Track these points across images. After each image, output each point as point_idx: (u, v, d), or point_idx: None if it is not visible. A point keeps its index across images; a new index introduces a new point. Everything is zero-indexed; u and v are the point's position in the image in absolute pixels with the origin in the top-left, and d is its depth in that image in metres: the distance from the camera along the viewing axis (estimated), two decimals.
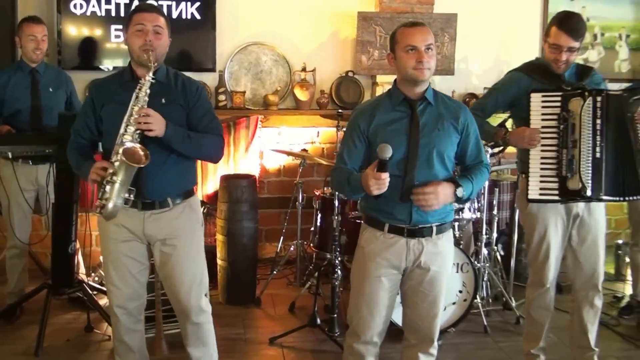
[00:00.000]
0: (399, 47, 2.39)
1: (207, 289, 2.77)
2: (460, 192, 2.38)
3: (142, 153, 2.40)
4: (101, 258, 3.29)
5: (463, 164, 2.56)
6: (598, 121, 2.81)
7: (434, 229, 2.45)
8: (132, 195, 2.44)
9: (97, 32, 4.48)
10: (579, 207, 2.99)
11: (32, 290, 3.65)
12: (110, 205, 2.40)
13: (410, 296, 2.54)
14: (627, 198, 2.94)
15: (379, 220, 2.46)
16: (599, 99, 2.80)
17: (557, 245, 3.05)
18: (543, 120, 2.88)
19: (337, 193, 3.67)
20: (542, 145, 2.89)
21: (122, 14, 4.42)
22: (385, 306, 2.51)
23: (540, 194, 2.91)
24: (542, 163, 2.90)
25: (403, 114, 2.42)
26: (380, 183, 2.24)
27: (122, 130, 2.41)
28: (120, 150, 2.37)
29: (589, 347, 3.17)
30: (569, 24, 2.84)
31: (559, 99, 2.85)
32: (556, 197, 2.89)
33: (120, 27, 4.39)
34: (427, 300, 2.51)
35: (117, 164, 2.39)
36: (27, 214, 3.70)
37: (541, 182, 2.90)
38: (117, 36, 4.46)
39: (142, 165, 2.40)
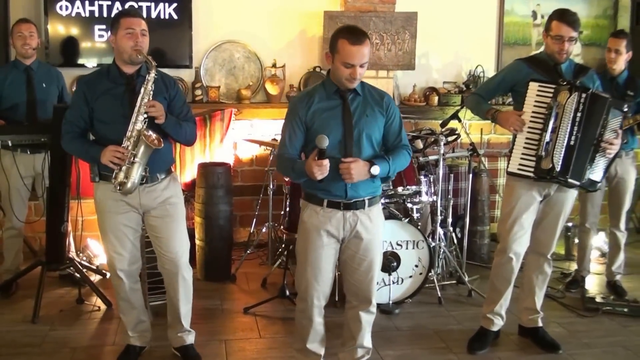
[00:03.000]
0: (338, 58, 2.77)
1: (189, 246, 3.38)
2: (374, 170, 2.79)
3: (156, 140, 3.02)
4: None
5: (386, 145, 2.98)
6: (578, 114, 3.30)
7: (366, 202, 2.91)
8: (147, 172, 3.06)
9: (82, 32, 4.99)
10: (552, 188, 3.50)
11: (28, 267, 4.25)
12: (129, 183, 3.02)
13: (348, 263, 2.99)
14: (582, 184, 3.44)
15: (318, 197, 2.89)
16: (583, 95, 3.30)
17: (525, 221, 3.53)
18: (535, 106, 3.38)
19: None
20: (529, 128, 3.39)
21: (105, 15, 4.95)
22: (328, 272, 2.96)
23: (518, 169, 3.42)
24: (525, 143, 3.40)
25: (336, 102, 2.85)
26: (323, 169, 2.68)
27: (133, 119, 3.00)
28: (143, 136, 2.97)
29: (534, 309, 3.73)
30: (568, 16, 3.38)
31: (552, 90, 3.36)
32: (531, 174, 3.40)
33: (104, 27, 4.95)
34: (363, 264, 2.96)
35: (130, 146, 2.98)
36: (24, 198, 4.29)
37: (521, 159, 3.41)
38: (101, 36, 5.00)
39: (159, 148, 3.01)
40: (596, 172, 3.46)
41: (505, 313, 3.76)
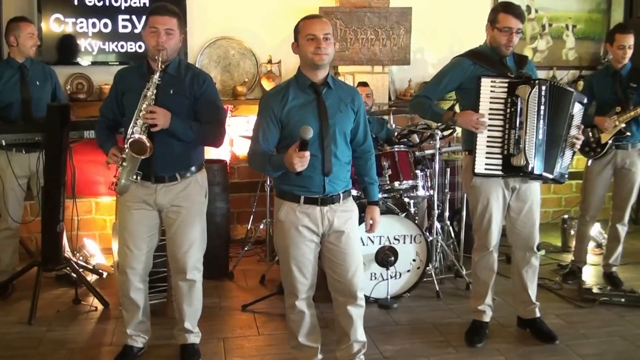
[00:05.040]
0: (301, 37, 2.77)
1: (204, 249, 3.30)
2: (380, 204, 2.99)
3: (147, 145, 2.92)
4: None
5: (353, 144, 2.97)
6: (542, 107, 3.26)
7: (341, 195, 2.90)
8: (138, 178, 3.01)
9: (75, 30, 4.91)
10: (515, 180, 3.47)
11: (23, 268, 4.14)
12: (120, 184, 3.00)
13: (330, 258, 2.95)
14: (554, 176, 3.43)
15: (295, 194, 2.85)
16: (543, 87, 3.26)
17: (498, 214, 3.52)
18: (491, 102, 3.30)
19: None
20: (489, 126, 3.31)
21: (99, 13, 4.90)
22: (312, 265, 2.93)
23: (485, 169, 3.35)
24: (488, 142, 3.32)
25: (310, 97, 2.80)
26: (304, 161, 2.62)
27: (132, 123, 2.94)
28: (127, 143, 2.91)
29: (530, 301, 3.70)
30: (514, 9, 3.33)
31: (506, 84, 3.29)
32: (499, 172, 3.35)
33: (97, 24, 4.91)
34: (346, 258, 2.92)
35: (126, 150, 2.94)
36: (20, 198, 4.19)
37: (487, 158, 3.33)
38: (95, 33, 4.93)
39: (145, 157, 2.93)
40: (565, 165, 3.43)
41: (500, 304, 3.78)
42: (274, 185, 2.98)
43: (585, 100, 3.45)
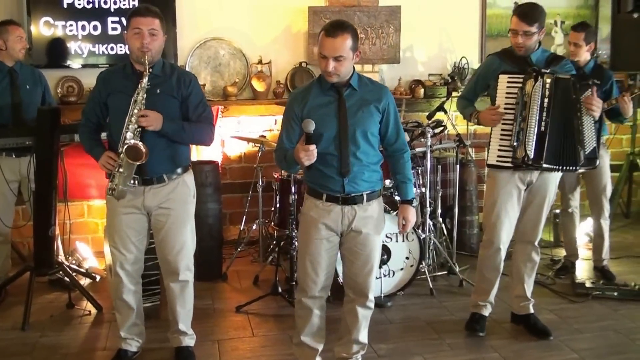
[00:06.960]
0: (318, 49, 2.76)
1: (194, 249, 3.27)
2: (414, 202, 2.99)
3: (143, 150, 2.89)
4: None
5: (384, 144, 2.96)
6: (545, 100, 3.29)
7: (365, 196, 2.86)
8: (136, 182, 2.98)
9: (65, 33, 4.85)
10: (533, 175, 3.48)
11: (16, 273, 4.09)
12: (117, 190, 2.96)
13: (347, 255, 2.97)
14: (563, 168, 3.41)
15: (318, 191, 2.88)
16: (548, 81, 3.29)
17: (510, 210, 3.51)
18: (507, 97, 3.38)
19: (292, 175, 4.14)
20: (504, 120, 3.38)
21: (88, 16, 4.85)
22: (326, 264, 2.92)
23: (497, 161, 3.42)
24: (501, 134, 3.40)
25: (332, 98, 2.80)
26: (309, 154, 2.64)
27: (124, 129, 2.90)
28: (124, 149, 2.87)
29: (525, 296, 3.70)
30: (522, 11, 3.39)
31: (520, 80, 3.35)
32: (509, 164, 3.39)
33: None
34: (360, 258, 2.92)
35: (122, 156, 2.90)
36: (11, 203, 4.13)
37: (499, 150, 3.42)
38: (85, 36, 4.89)
39: (141, 163, 2.90)
40: (588, 148, 3.40)
41: (495, 301, 3.75)
42: (305, 182, 3.00)
43: (589, 82, 3.42)
